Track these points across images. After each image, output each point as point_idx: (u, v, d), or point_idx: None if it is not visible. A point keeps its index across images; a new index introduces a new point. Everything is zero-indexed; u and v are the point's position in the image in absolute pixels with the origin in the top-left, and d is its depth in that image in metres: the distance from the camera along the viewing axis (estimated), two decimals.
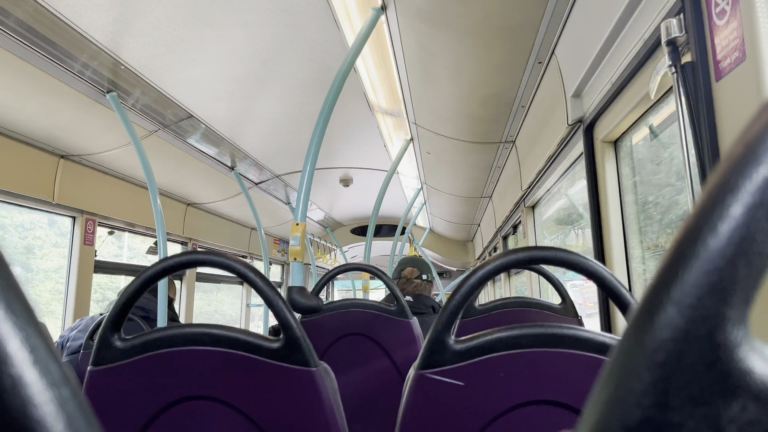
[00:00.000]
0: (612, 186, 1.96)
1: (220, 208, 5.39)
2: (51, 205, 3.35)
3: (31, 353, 0.20)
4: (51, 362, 0.21)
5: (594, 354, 0.89)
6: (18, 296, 0.21)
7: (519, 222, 4.08)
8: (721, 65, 1.07)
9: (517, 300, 2.16)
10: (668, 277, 0.20)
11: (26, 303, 0.21)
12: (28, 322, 0.21)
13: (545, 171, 2.87)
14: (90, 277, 3.66)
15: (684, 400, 0.19)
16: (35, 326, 0.21)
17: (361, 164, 5.03)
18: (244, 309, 6.63)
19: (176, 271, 1.01)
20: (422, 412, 0.92)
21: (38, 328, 0.21)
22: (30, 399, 0.20)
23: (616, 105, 1.78)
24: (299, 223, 2.16)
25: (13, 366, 0.20)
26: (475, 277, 0.92)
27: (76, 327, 2.71)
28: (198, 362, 0.98)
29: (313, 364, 0.97)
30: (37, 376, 0.20)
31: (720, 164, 0.21)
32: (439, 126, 3.38)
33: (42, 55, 2.35)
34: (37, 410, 0.20)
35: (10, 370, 0.20)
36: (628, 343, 0.21)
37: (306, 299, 1.95)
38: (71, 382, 0.22)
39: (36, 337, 0.21)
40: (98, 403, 0.98)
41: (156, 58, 2.55)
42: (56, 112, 2.87)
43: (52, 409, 0.20)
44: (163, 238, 3.18)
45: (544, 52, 2.22)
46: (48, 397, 0.20)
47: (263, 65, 2.75)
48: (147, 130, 3.33)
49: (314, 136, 2.23)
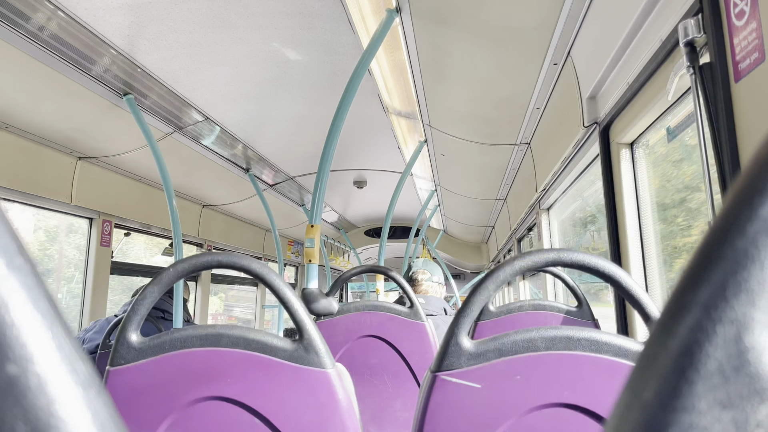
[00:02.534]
0: (628, 188, 1.95)
1: (235, 209, 5.42)
2: (69, 207, 3.39)
3: (58, 351, 0.21)
4: (77, 361, 0.21)
5: (611, 357, 0.89)
6: (44, 295, 0.21)
7: (534, 224, 4.06)
8: (740, 66, 1.06)
9: (532, 303, 2.14)
10: (694, 279, 0.20)
11: (52, 302, 0.22)
12: (54, 321, 0.21)
13: (560, 173, 2.86)
14: (107, 278, 3.70)
15: (711, 404, 0.19)
16: (61, 325, 0.22)
17: (374, 166, 5.03)
18: (258, 310, 6.66)
19: (195, 272, 1.02)
20: (438, 414, 0.91)
21: (65, 327, 0.22)
22: (56, 397, 0.20)
23: (633, 107, 1.77)
24: (314, 225, 2.17)
25: (39, 364, 0.20)
26: (492, 278, 0.92)
27: (91, 329, 2.74)
28: (214, 363, 0.98)
29: (329, 365, 0.98)
30: (63, 375, 0.20)
31: (748, 165, 0.20)
32: (453, 128, 3.37)
33: (60, 59, 2.38)
34: (62, 408, 0.20)
35: (36, 369, 0.20)
36: (654, 346, 0.21)
37: (321, 301, 1.96)
38: (96, 381, 0.22)
39: (62, 336, 0.21)
40: (116, 403, 0.99)
41: (172, 61, 2.57)
42: (74, 114, 2.90)
43: (77, 408, 0.21)
44: (178, 240, 3.20)
45: (559, 54, 2.21)
46: (73, 396, 0.21)
47: (278, 68, 2.76)
48: (163, 132, 3.35)
49: (329, 138, 2.24)
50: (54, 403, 0.20)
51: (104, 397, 0.23)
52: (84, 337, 2.70)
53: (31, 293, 0.21)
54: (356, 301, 2.09)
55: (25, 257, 0.21)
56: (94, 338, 2.65)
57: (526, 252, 0.93)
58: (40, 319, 0.21)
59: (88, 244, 3.65)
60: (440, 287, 2.81)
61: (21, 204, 3.14)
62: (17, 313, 0.20)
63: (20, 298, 0.20)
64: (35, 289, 0.21)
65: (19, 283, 0.20)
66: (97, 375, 0.23)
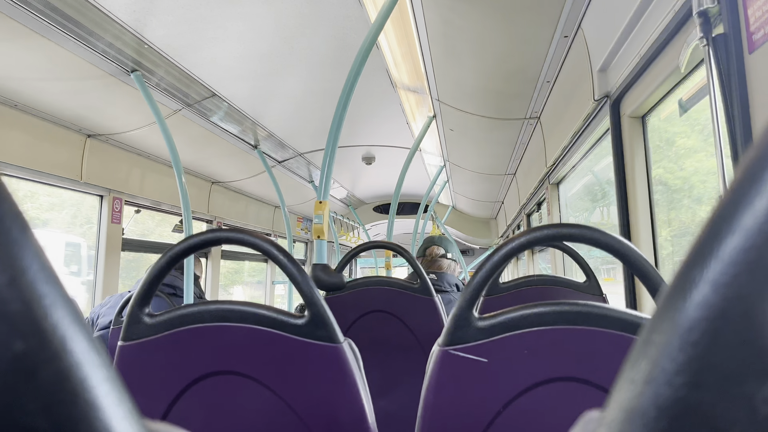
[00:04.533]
0: (639, 162, 1.93)
1: (244, 186, 5.43)
2: (79, 184, 3.41)
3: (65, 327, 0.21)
4: (84, 337, 0.22)
5: (619, 331, 0.89)
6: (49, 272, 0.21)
7: (543, 199, 4.04)
8: (755, 37, 1.03)
9: (540, 278, 2.14)
10: (703, 254, 0.20)
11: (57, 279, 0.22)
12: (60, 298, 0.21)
13: (570, 147, 2.83)
14: (118, 254, 3.74)
15: (718, 380, 0.19)
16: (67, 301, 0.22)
17: (383, 142, 5.01)
18: (268, 286, 6.71)
19: (202, 249, 1.03)
20: (446, 388, 0.92)
21: (70, 303, 0.22)
22: (65, 373, 0.20)
23: (644, 79, 1.74)
24: (322, 201, 2.17)
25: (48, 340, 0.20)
26: (499, 254, 0.92)
27: (105, 304, 2.78)
28: (224, 338, 0.99)
29: (338, 339, 0.98)
30: (72, 350, 0.21)
31: (758, 137, 0.20)
32: (463, 102, 3.34)
33: (67, 35, 2.37)
34: (72, 384, 0.20)
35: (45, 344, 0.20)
36: (660, 321, 0.21)
37: (330, 276, 1.97)
38: (105, 357, 0.22)
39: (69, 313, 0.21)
40: (128, 378, 1.00)
41: (179, 36, 2.55)
42: (82, 91, 2.90)
43: (86, 383, 0.21)
44: (188, 216, 3.21)
45: (570, 26, 2.17)
46: (83, 371, 0.21)
47: (285, 42, 2.74)
48: (171, 109, 3.35)
49: (337, 113, 2.23)
50: (64, 380, 0.20)
51: (112, 372, 0.23)
52: (99, 312, 2.73)
53: (35, 270, 0.21)
54: (365, 277, 2.10)
55: (29, 235, 0.21)
56: (108, 313, 2.68)
57: (535, 227, 0.93)
58: (47, 295, 0.21)
59: (99, 221, 3.68)
60: (454, 264, 2.82)
61: (32, 182, 3.16)
62: (24, 290, 0.20)
63: (25, 276, 0.20)
64: (40, 267, 0.21)
65: (23, 261, 0.20)
66: (104, 350, 0.23)
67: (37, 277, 0.21)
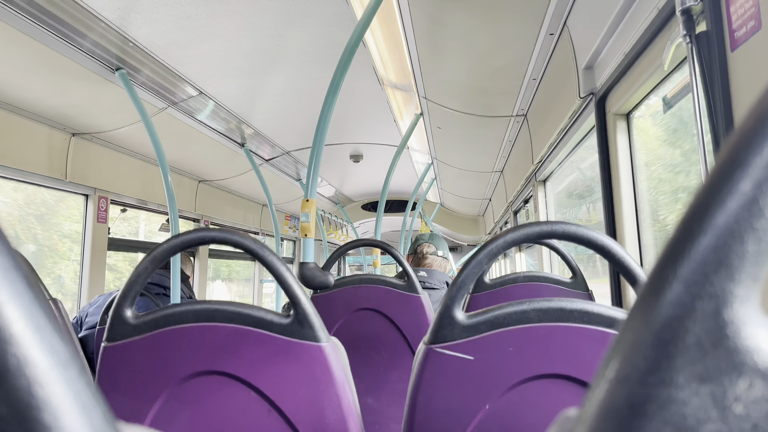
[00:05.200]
0: (624, 159, 1.94)
1: (231, 184, 5.40)
2: (63, 183, 3.38)
3: (36, 333, 0.20)
4: (57, 341, 0.21)
5: (603, 328, 0.89)
6: (22, 276, 0.21)
7: (530, 196, 4.06)
8: (737, 35, 1.04)
9: (527, 274, 2.16)
10: (675, 254, 0.20)
11: (31, 282, 0.21)
12: (33, 302, 0.21)
13: (557, 144, 2.85)
14: (104, 254, 3.70)
15: (689, 378, 0.19)
16: (41, 305, 0.21)
17: (371, 140, 5.00)
18: (257, 285, 6.69)
19: (188, 249, 1.02)
20: (432, 386, 0.92)
21: (44, 308, 0.22)
22: (35, 378, 0.20)
23: (629, 77, 1.75)
24: (309, 200, 2.16)
25: (18, 346, 0.20)
26: (485, 252, 0.92)
27: (93, 303, 2.76)
28: (209, 338, 0.99)
29: (323, 339, 0.98)
30: (42, 356, 0.20)
31: (730, 137, 0.20)
32: (450, 100, 3.34)
33: (50, 33, 2.34)
34: (42, 389, 0.20)
35: (15, 350, 0.20)
36: (634, 320, 0.21)
37: (317, 275, 1.97)
38: (77, 360, 0.22)
39: (41, 317, 0.21)
40: (112, 379, 0.99)
41: (164, 34, 2.53)
42: (66, 90, 2.87)
43: (58, 389, 0.21)
44: (174, 215, 3.19)
45: (555, 23, 2.18)
46: (54, 377, 0.21)
47: (271, 40, 2.72)
48: (157, 108, 3.32)
49: (323, 111, 2.22)
50: (34, 385, 0.20)
51: (86, 376, 0.23)
52: (87, 311, 2.71)
53: (6, 274, 0.20)
54: (352, 275, 2.09)
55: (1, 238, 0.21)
56: (96, 313, 2.66)
57: (520, 225, 0.93)
58: (17, 300, 0.20)
59: (85, 220, 3.65)
60: (444, 261, 2.82)
61: (15, 181, 3.12)
62: None
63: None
64: (11, 270, 0.21)
65: None
66: (78, 355, 0.22)
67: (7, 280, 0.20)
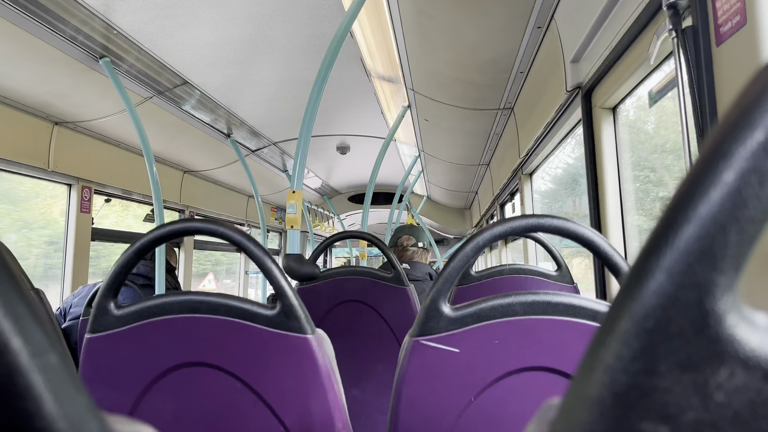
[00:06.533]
0: (609, 153, 1.96)
1: (217, 175, 5.37)
2: (46, 173, 3.33)
3: (15, 322, 0.20)
4: (36, 331, 0.21)
5: (588, 321, 0.90)
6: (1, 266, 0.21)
7: (517, 189, 4.08)
8: (722, 29, 1.05)
9: (513, 267, 2.17)
10: (659, 244, 0.20)
11: (10, 273, 0.21)
12: (13, 292, 0.21)
13: (543, 138, 2.86)
14: (88, 245, 3.67)
15: (672, 366, 0.19)
16: (20, 295, 0.21)
17: (358, 131, 4.99)
18: (242, 276, 6.67)
19: (172, 239, 1.01)
20: (418, 378, 0.93)
21: (23, 298, 0.21)
22: (16, 367, 0.20)
23: (615, 70, 1.76)
24: (296, 191, 2.15)
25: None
26: (471, 245, 0.93)
27: (78, 294, 2.73)
28: (194, 329, 0.98)
29: (309, 331, 0.98)
30: (22, 345, 0.20)
31: (714, 129, 0.20)
32: (437, 92, 3.34)
33: (33, 20, 2.30)
34: (23, 378, 0.20)
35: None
36: (618, 309, 0.21)
37: (302, 266, 1.96)
38: (58, 350, 0.22)
39: (20, 306, 0.21)
40: (96, 370, 0.99)
41: (149, 22, 2.50)
42: (49, 78, 2.83)
43: (38, 377, 0.20)
44: (159, 206, 3.17)
45: (543, 17, 2.19)
46: (34, 365, 0.20)
47: (258, 30, 2.70)
48: (141, 97, 3.29)
49: (310, 102, 2.21)
50: (15, 373, 0.20)
51: (68, 366, 0.22)
52: (71, 302, 2.69)
53: None
54: (339, 267, 2.09)
55: None
56: (80, 304, 2.64)
57: (507, 218, 0.94)
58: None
59: (68, 210, 3.61)
60: (425, 253, 2.83)
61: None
62: None
63: None
64: None
65: None
66: (60, 344, 0.22)
67: None
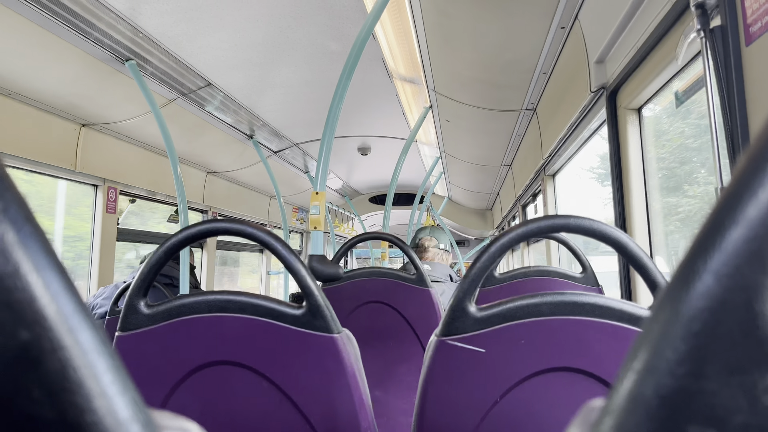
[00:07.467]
0: (635, 154, 1.93)
1: (240, 176, 5.41)
2: (73, 173, 3.39)
3: (69, 317, 0.21)
4: (88, 326, 0.22)
5: (614, 322, 0.89)
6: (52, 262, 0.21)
7: (539, 190, 4.05)
8: (752, 29, 1.04)
9: (537, 269, 2.15)
10: (706, 245, 0.20)
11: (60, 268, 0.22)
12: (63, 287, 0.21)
13: (566, 139, 2.83)
14: (113, 245, 3.72)
15: (719, 369, 0.19)
16: (71, 291, 0.22)
17: (379, 132, 4.99)
18: (264, 276, 6.71)
19: (201, 239, 1.02)
20: (443, 378, 0.93)
21: (74, 293, 0.22)
22: (69, 362, 0.20)
23: (641, 71, 1.74)
24: (319, 192, 2.16)
25: (52, 330, 0.20)
26: (496, 245, 0.92)
27: (100, 294, 2.78)
28: (222, 328, 1.00)
29: (336, 330, 0.99)
30: (76, 340, 0.21)
31: (760, 130, 0.20)
32: (459, 93, 3.33)
33: (61, 23, 2.35)
34: (76, 373, 0.21)
35: (49, 334, 0.20)
36: (663, 311, 0.21)
37: (327, 267, 1.97)
38: (108, 346, 0.22)
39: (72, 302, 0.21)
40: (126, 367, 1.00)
41: (173, 25, 2.54)
42: (76, 80, 2.88)
43: (90, 372, 0.21)
44: (183, 206, 3.20)
45: (567, 17, 2.17)
46: (86, 360, 0.21)
47: (281, 32, 2.72)
48: (166, 99, 3.33)
49: (333, 104, 2.22)
50: (67, 368, 0.20)
51: (116, 360, 0.23)
52: (94, 303, 2.74)
53: (39, 260, 0.21)
54: (362, 268, 2.10)
55: (34, 224, 0.21)
56: (104, 304, 2.68)
57: (532, 218, 0.93)
58: (51, 285, 0.21)
59: (94, 211, 3.66)
60: (446, 254, 2.82)
61: (25, 171, 3.14)
62: (28, 280, 0.20)
63: (30, 265, 0.20)
64: (44, 256, 0.21)
65: (28, 251, 0.20)
66: (107, 340, 0.23)
67: (40, 266, 0.21)
